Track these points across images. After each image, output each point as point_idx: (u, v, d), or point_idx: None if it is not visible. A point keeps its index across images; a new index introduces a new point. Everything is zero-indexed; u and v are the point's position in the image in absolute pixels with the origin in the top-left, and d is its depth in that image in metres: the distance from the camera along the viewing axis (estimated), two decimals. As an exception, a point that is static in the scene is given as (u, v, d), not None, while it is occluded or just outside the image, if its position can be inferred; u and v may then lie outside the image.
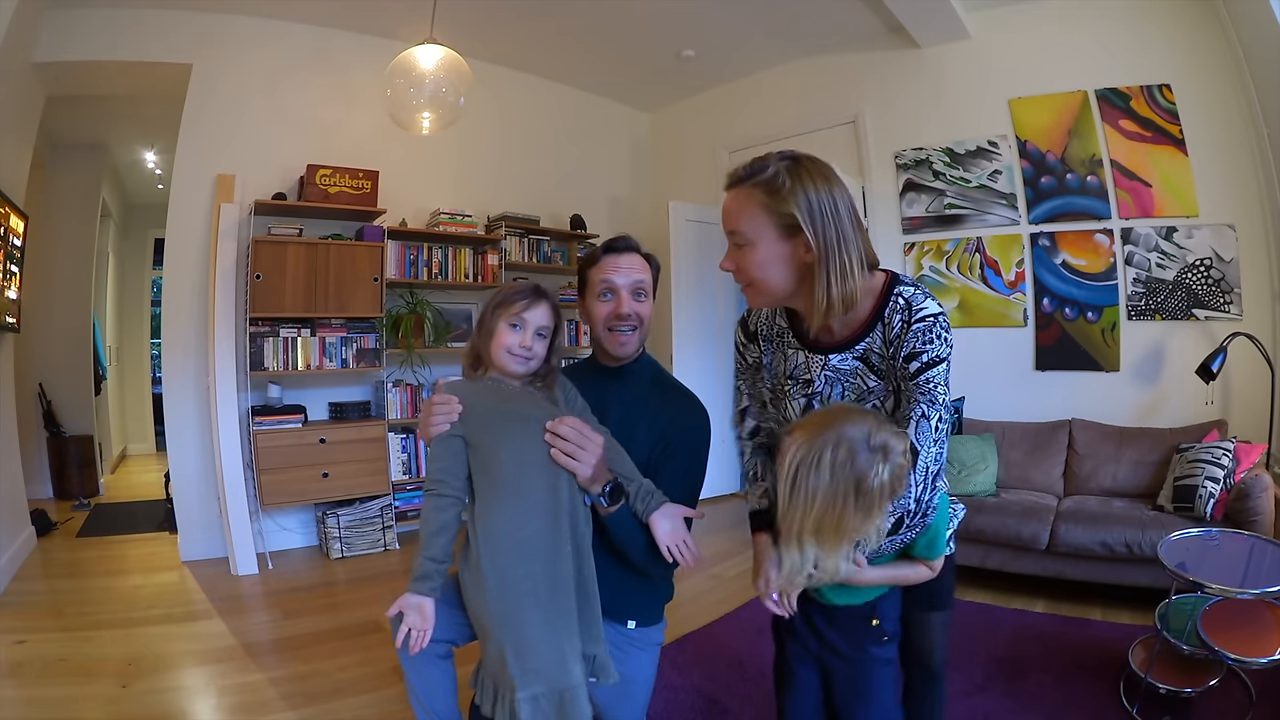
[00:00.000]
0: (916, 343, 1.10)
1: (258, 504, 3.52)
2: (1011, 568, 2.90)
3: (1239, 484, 2.59)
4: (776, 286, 1.15)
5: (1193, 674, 1.92)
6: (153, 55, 3.53)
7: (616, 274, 1.54)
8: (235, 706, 2.11)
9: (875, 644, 1.27)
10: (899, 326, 1.12)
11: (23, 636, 2.55)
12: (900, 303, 1.13)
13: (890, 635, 1.28)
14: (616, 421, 1.54)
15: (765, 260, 1.12)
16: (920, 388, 1.10)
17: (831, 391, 1.21)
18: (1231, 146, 3.20)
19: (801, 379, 1.24)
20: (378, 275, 3.76)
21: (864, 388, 1.18)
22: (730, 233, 1.14)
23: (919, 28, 3.85)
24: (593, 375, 1.63)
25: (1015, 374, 3.73)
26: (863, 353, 1.17)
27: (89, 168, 5.30)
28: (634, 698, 1.70)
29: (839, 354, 1.19)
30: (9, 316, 3.34)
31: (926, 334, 1.10)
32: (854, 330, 1.17)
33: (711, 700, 2.10)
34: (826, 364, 1.20)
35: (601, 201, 5.17)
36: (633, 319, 1.54)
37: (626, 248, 1.58)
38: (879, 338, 1.15)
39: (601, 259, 1.57)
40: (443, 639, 1.50)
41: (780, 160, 1.12)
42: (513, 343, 1.41)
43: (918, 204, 4.09)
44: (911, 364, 1.10)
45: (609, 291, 1.54)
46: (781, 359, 1.28)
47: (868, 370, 1.17)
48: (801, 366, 1.24)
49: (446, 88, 2.93)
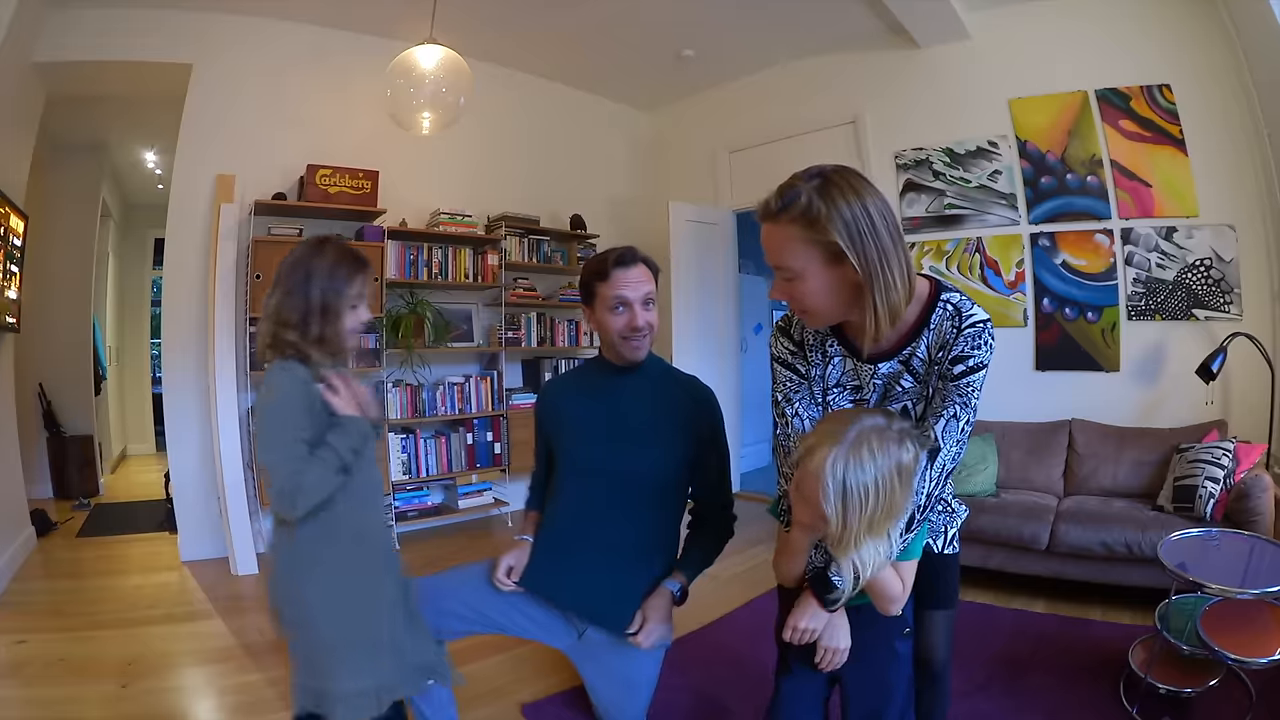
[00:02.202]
0: (966, 347, 1.14)
1: (258, 504, 3.51)
2: (1012, 568, 2.90)
3: (1239, 484, 2.59)
4: (833, 311, 1.16)
5: (1193, 674, 1.92)
6: (153, 55, 3.53)
7: (628, 288, 1.61)
8: (235, 706, 2.11)
9: (899, 636, 1.28)
10: (950, 333, 1.15)
11: (23, 636, 2.55)
12: (949, 309, 1.16)
13: (910, 628, 1.30)
14: (635, 411, 1.65)
15: (816, 289, 1.12)
16: (959, 389, 1.14)
17: (876, 398, 1.25)
18: (1231, 146, 3.20)
19: (850, 385, 1.27)
20: (378, 275, 3.76)
21: (899, 389, 1.22)
22: (777, 268, 1.14)
23: (919, 28, 3.85)
24: (606, 373, 1.72)
25: (1015, 374, 3.73)
26: (906, 356, 1.20)
27: (89, 168, 5.30)
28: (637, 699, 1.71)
29: (887, 363, 1.21)
30: (9, 316, 3.34)
31: (976, 339, 1.14)
32: (901, 337, 1.19)
33: (711, 700, 2.10)
34: (876, 372, 1.23)
35: (601, 201, 5.16)
36: (645, 329, 1.63)
37: (634, 260, 1.64)
38: (924, 343, 1.18)
39: (611, 274, 1.62)
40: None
41: (809, 182, 1.09)
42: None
43: (918, 204, 4.09)
44: (957, 366, 1.14)
45: (622, 305, 1.61)
46: (826, 367, 1.28)
47: (905, 372, 1.21)
48: (850, 374, 1.26)
49: (446, 88, 2.93)
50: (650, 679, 1.72)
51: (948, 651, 1.40)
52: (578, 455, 1.69)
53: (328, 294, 1.37)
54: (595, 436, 1.66)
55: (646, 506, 1.65)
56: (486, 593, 1.58)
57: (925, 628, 1.36)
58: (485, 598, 1.59)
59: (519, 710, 2.07)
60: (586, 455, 1.67)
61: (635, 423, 1.65)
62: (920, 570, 1.24)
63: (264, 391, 1.35)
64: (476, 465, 4.22)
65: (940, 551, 1.34)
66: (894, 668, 1.29)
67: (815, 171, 1.11)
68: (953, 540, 1.36)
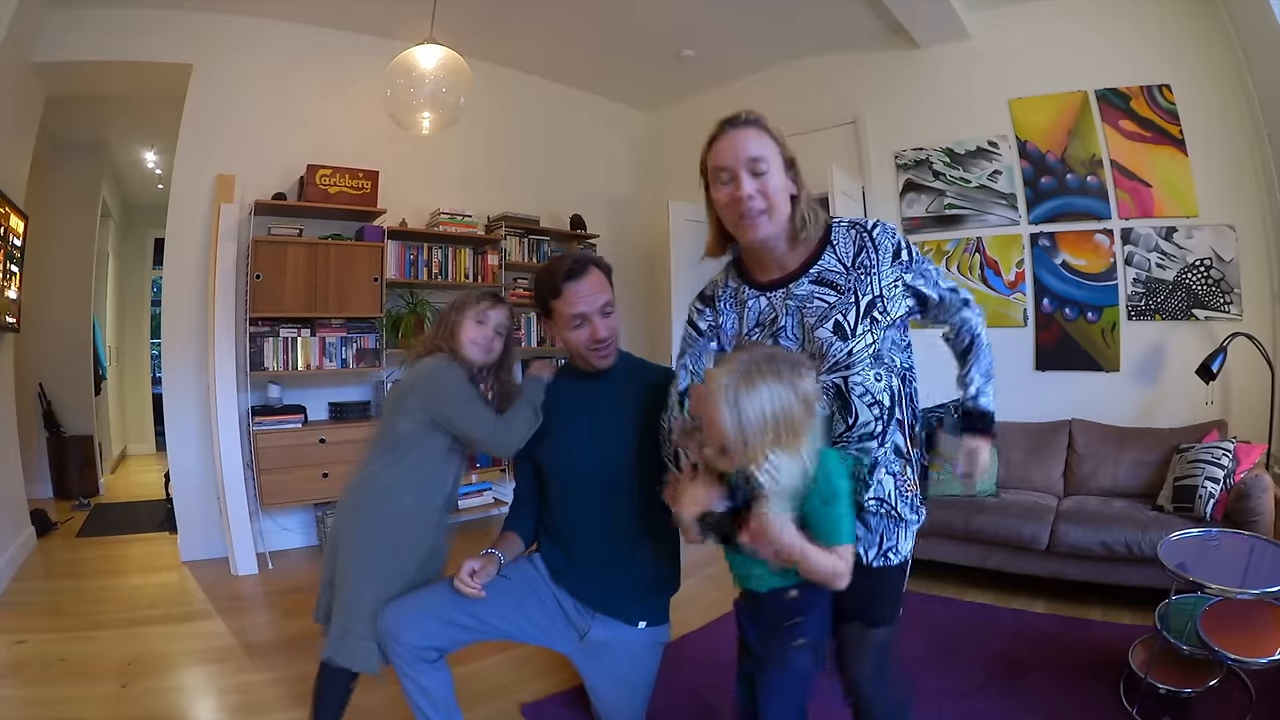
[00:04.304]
0: (889, 240, 1.28)
1: (258, 504, 3.52)
2: (1011, 568, 2.90)
3: (1239, 484, 2.59)
4: (784, 213, 1.27)
5: (1193, 674, 1.92)
6: (153, 55, 3.53)
7: (582, 303, 1.59)
8: (235, 706, 2.11)
9: (788, 645, 1.21)
10: (857, 237, 1.29)
11: (23, 636, 2.55)
12: (844, 224, 1.32)
13: (807, 642, 1.21)
14: (613, 411, 1.66)
15: (779, 186, 1.26)
16: (921, 264, 1.30)
17: (791, 321, 1.30)
18: (1231, 146, 3.20)
19: (767, 322, 1.33)
20: (378, 275, 3.76)
21: (824, 305, 1.27)
22: (753, 159, 1.25)
23: (919, 28, 3.85)
24: (577, 380, 1.72)
25: (1015, 374, 3.72)
26: (817, 275, 1.29)
27: (89, 168, 5.30)
28: (636, 697, 1.71)
29: (796, 281, 1.30)
30: (9, 316, 3.34)
31: (887, 230, 1.29)
32: (809, 255, 1.32)
33: (709, 701, 2.10)
34: (789, 294, 1.31)
35: (601, 201, 5.16)
36: (610, 338, 1.63)
37: (583, 270, 1.60)
38: (832, 257, 1.30)
39: (564, 290, 1.59)
40: (431, 646, 1.52)
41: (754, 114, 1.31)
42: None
43: (918, 204, 4.09)
44: (901, 255, 1.28)
45: (582, 321, 1.59)
46: (742, 313, 1.37)
47: (826, 288, 1.28)
48: (766, 310, 1.33)
49: (446, 88, 2.93)
50: (649, 679, 1.72)
51: (887, 684, 1.29)
52: (563, 464, 1.69)
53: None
54: (578, 442, 1.66)
55: (637, 498, 1.66)
56: (488, 602, 1.58)
57: (854, 648, 1.28)
58: (487, 607, 1.59)
59: (519, 710, 2.08)
60: (571, 462, 1.68)
61: (615, 422, 1.65)
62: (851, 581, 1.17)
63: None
64: (476, 465, 4.21)
65: (867, 563, 1.24)
66: (776, 677, 1.22)
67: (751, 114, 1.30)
68: (887, 552, 1.26)
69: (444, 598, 1.57)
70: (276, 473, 3.49)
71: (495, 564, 1.64)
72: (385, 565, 1.58)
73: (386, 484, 1.62)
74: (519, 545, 1.76)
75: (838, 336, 1.23)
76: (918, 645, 2.33)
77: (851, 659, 1.30)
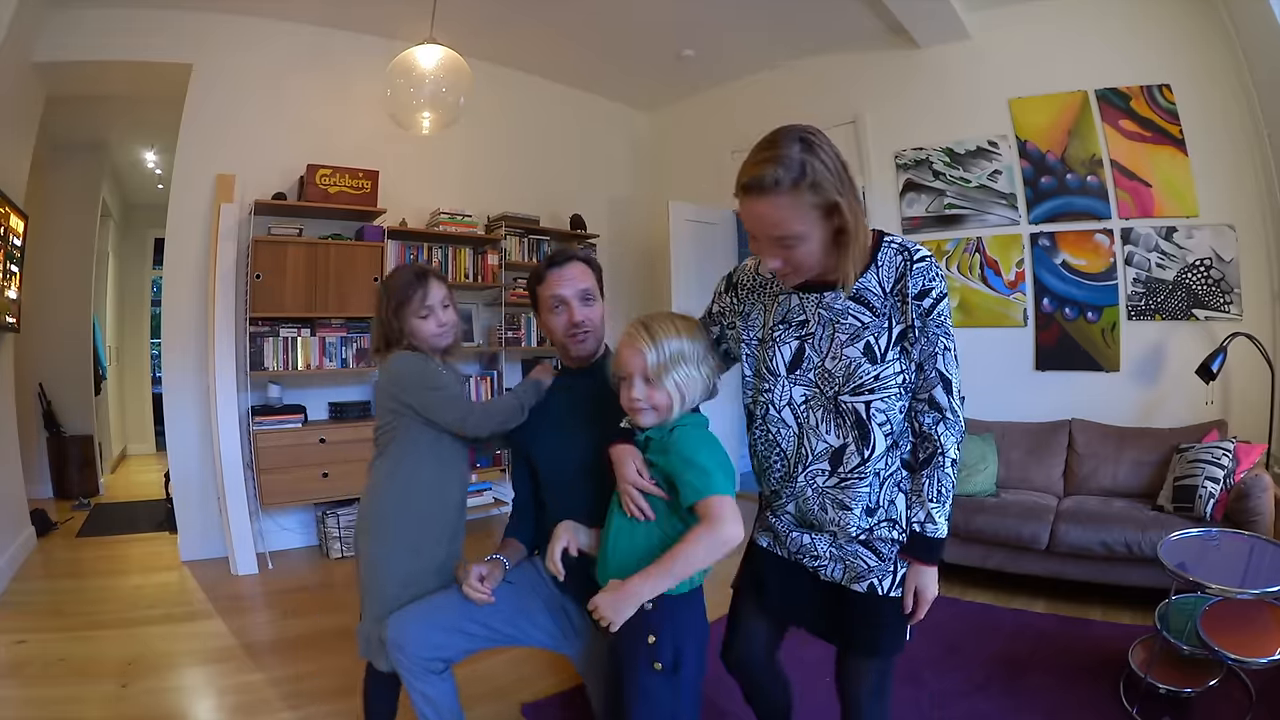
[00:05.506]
0: (924, 280, 1.19)
1: (258, 504, 3.52)
2: (1011, 568, 2.90)
3: (1239, 484, 2.59)
4: (820, 264, 1.20)
5: (1193, 674, 1.92)
6: (153, 55, 3.53)
7: (563, 286, 1.62)
8: (235, 706, 2.11)
9: (644, 667, 1.19)
10: (900, 264, 1.21)
11: (23, 636, 2.55)
12: (895, 246, 1.23)
13: (666, 666, 1.19)
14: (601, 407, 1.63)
15: (816, 248, 1.17)
16: (936, 322, 1.20)
17: (823, 332, 1.25)
18: (1231, 146, 3.20)
19: (795, 321, 1.29)
20: (378, 275, 3.75)
21: (858, 324, 1.23)
22: (781, 238, 1.14)
23: (919, 28, 3.85)
24: (564, 377, 1.75)
25: (1015, 374, 3.73)
26: (857, 292, 1.23)
27: (89, 168, 5.30)
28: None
29: (832, 292, 1.24)
30: (9, 316, 3.34)
31: (929, 271, 1.20)
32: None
33: (709, 701, 2.10)
34: (821, 301, 1.25)
35: (601, 201, 5.16)
36: (586, 324, 1.63)
37: (567, 259, 1.65)
38: (874, 278, 1.22)
39: (547, 276, 1.64)
40: (437, 658, 1.52)
41: (792, 146, 1.10)
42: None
43: (918, 204, 4.09)
44: (924, 300, 1.19)
45: (559, 304, 1.63)
46: (772, 306, 1.33)
47: (862, 308, 1.23)
48: (795, 309, 1.29)
49: (446, 88, 2.93)
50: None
51: (874, 697, 1.31)
52: (548, 460, 1.69)
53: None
54: (563, 437, 1.66)
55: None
56: (495, 609, 1.58)
57: (850, 679, 1.32)
58: (494, 613, 1.58)
59: (519, 710, 2.08)
60: (556, 457, 1.67)
61: (599, 416, 1.64)
62: (848, 609, 1.26)
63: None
64: (477, 465, 4.21)
65: (883, 593, 1.25)
66: (631, 703, 1.21)
67: (795, 134, 1.11)
68: (902, 581, 1.26)
69: (451, 606, 1.56)
70: (276, 472, 3.50)
71: (501, 569, 1.65)
72: (406, 565, 1.60)
73: (395, 488, 1.65)
74: (522, 552, 1.76)
75: (867, 358, 1.21)
76: (918, 645, 2.31)
77: (851, 679, 1.32)
